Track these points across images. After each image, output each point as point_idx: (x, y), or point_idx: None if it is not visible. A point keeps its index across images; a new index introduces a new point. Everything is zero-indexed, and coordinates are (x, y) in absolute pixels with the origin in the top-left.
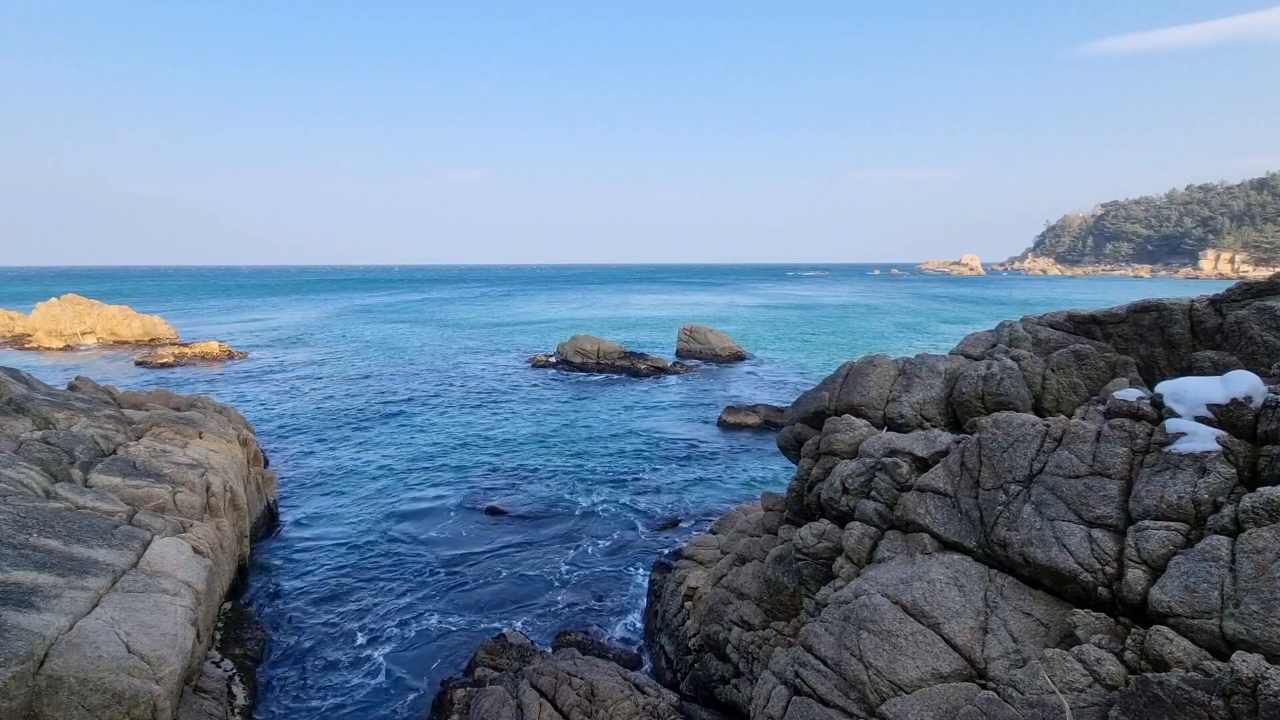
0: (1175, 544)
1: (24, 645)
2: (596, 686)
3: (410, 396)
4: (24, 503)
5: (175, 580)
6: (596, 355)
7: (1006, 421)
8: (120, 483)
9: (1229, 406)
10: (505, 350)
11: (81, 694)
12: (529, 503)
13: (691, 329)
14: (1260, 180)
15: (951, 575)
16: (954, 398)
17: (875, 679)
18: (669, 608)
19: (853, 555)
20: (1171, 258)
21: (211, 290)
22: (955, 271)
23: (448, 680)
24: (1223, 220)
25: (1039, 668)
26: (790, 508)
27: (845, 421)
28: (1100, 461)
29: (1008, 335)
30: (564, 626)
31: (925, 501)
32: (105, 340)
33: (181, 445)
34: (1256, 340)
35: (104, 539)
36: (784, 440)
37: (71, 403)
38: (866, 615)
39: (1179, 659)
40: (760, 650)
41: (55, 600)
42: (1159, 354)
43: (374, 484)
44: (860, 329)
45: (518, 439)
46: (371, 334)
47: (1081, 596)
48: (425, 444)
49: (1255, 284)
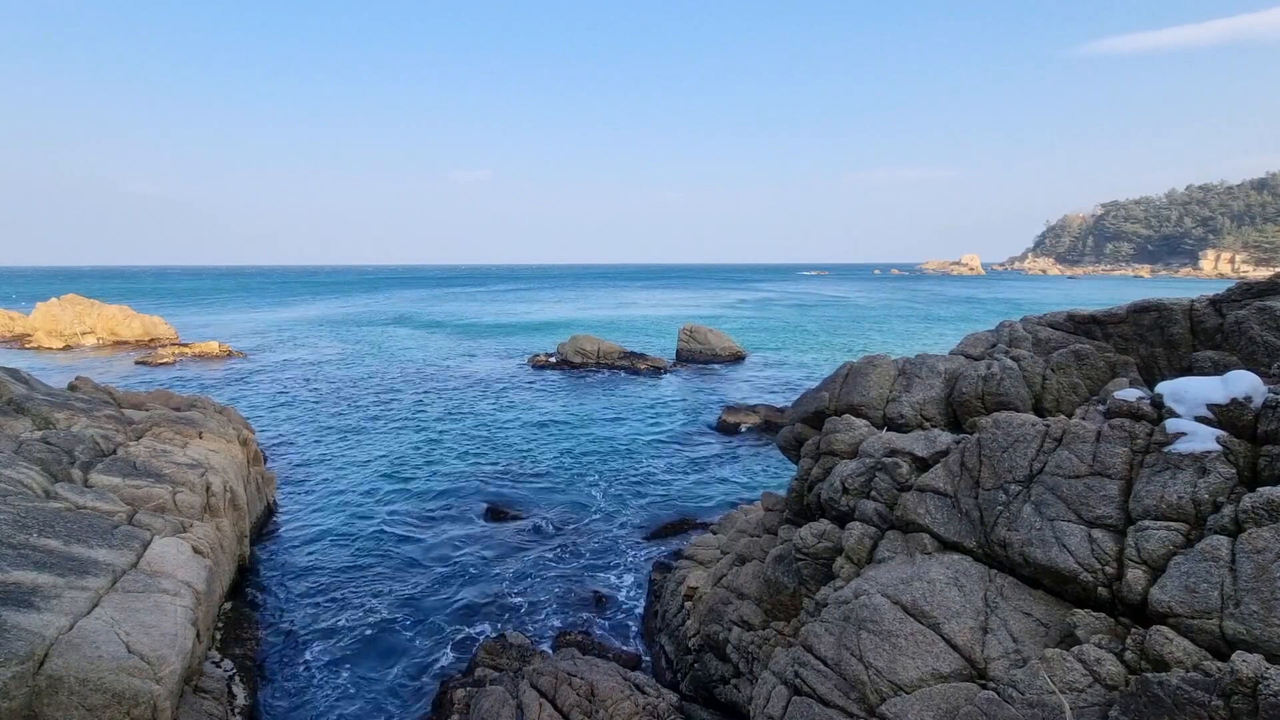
0: (1175, 544)
1: (24, 645)
2: (596, 686)
3: (410, 396)
4: (24, 503)
5: (175, 580)
6: (596, 355)
7: (1006, 421)
8: (120, 483)
9: (1229, 406)
10: (505, 350)
11: (81, 694)
12: (529, 503)
13: (691, 329)
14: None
15: (951, 575)
16: (954, 398)
17: (875, 679)
18: (669, 608)
19: (853, 555)
20: (1171, 258)
21: (212, 290)
22: (955, 271)
23: (448, 680)
24: (1223, 220)
25: (1039, 668)
26: (790, 508)
27: (845, 421)
28: (1100, 461)
29: (1008, 335)
30: (564, 626)
31: (925, 501)
32: (105, 340)
33: (181, 445)
34: (1256, 340)
35: (104, 539)
36: (784, 440)
37: (71, 403)
38: (866, 615)
39: (1179, 659)
40: (760, 650)
41: (55, 600)
42: (1159, 354)
43: (374, 484)
44: (860, 329)
45: (517, 439)
46: (372, 334)
47: (1081, 596)
48: (425, 444)
49: (1255, 284)
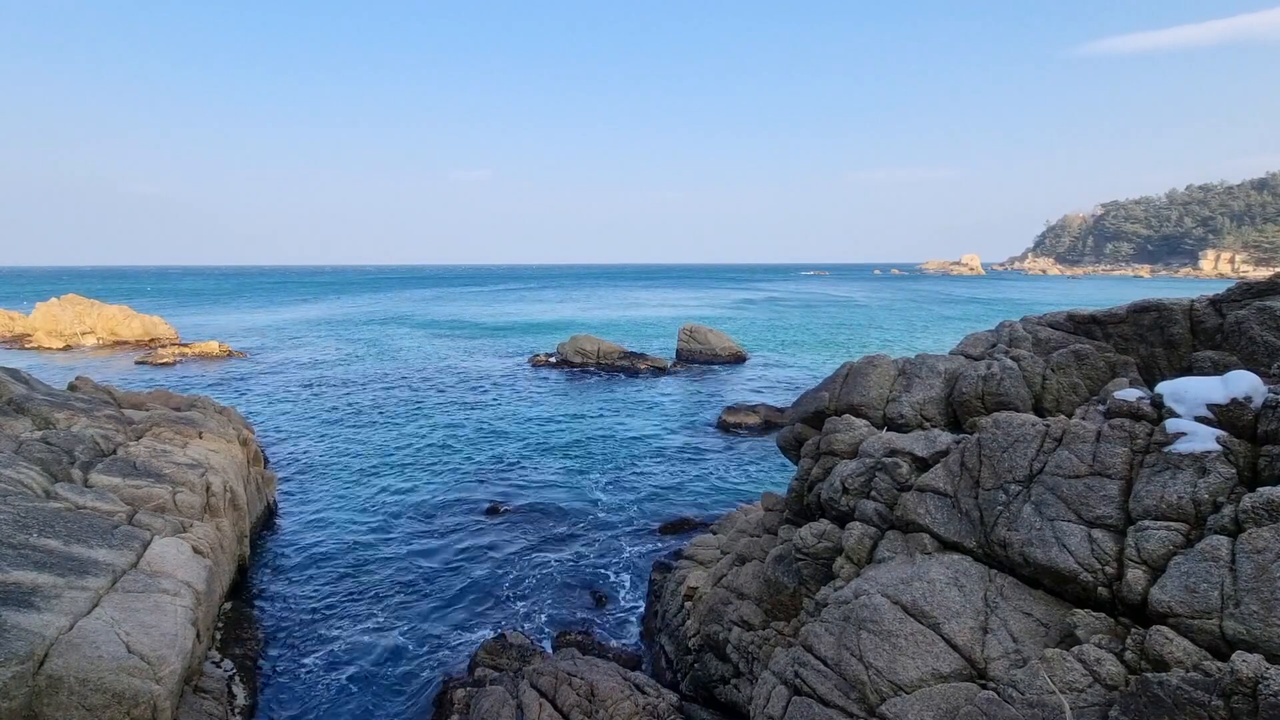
0: (1175, 544)
1: (24, 645)
2: (596, 686)
3: (410, 396)
4: (24, 503)
5: (175, 580)
6: (596, 355)
7: (1006, 421)
8: (120, 483)
9: (1229, 406)
10: (506, 350)
11: (81, 694)
12: (529, 502)
13: (691, 329)
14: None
15: (951, 575)
16: (954, 398)
17: (875, 679)
18: (669, 608)
19: (853, 555)
20: (1171, 258)
21: (212, 290)
22: (955, 271)
23: (448, 680)
24: (1223, 220)
25: (1039, 668)
26: (790, 508)
27: (845, 421)
28: (1100, 461)
29: (1008, 335)
30: (564, 626)
31: (925, 501)
32: (105, 340)
33: (181, 445)
34: (1256, 340)
35: (104, 539)
36: (784, 440)
37: (71, 403)
38: (866, 615)
39: (1179, 659)
40: (760, 650)
41: (55, 600)
42: (1159, 354)
43: (374, 483)
44: (860, 329)
45: (517, 438)
46: (372, 334)
47: (1081, 596)
48: (425, 443)
49: (1255, 284)
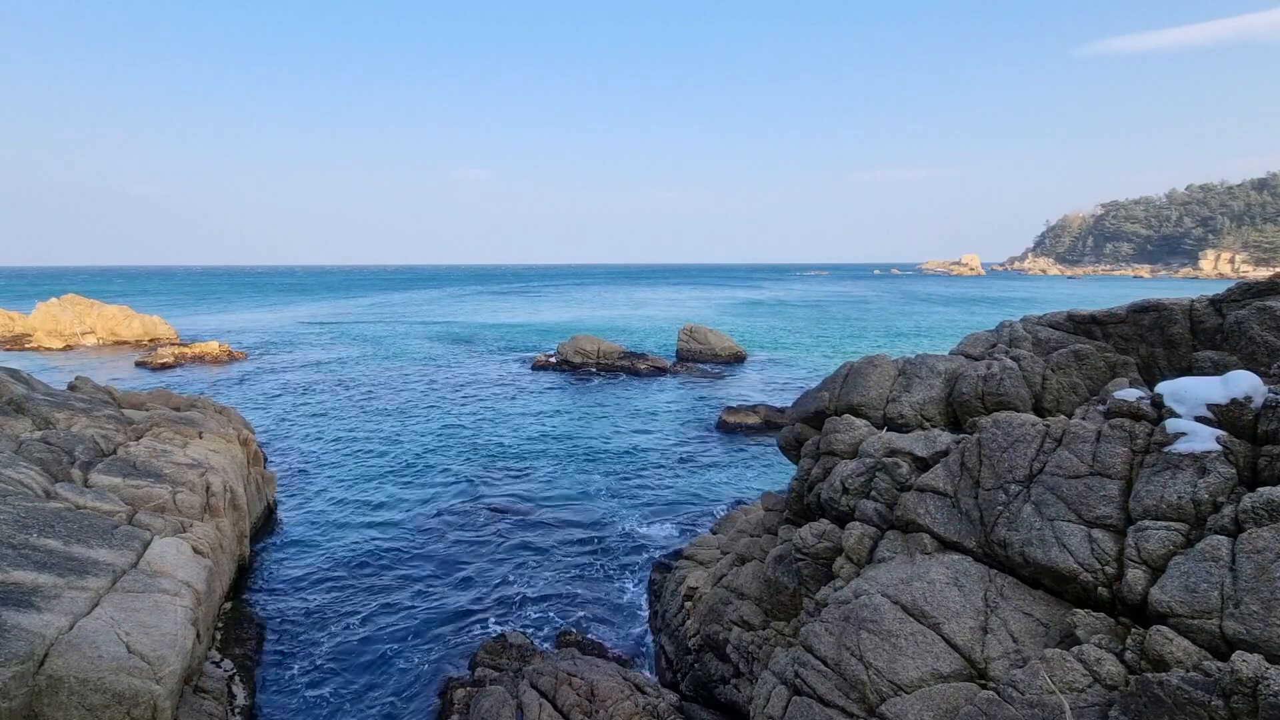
0: (1175, 544)
1: (24, 645)
2: (596, 686)
3: (411, 396)
4: (24, 503)
5: (175, 580)
6: (596, 355)
7: (1006, 421)
8: (120, 483)
9: (1229, 406)
10: (506, 350)
11: (81, 694)
12: (529, 502)
13: (691, 329)
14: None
15: (951, 575)
16: (954, 398)
17: (875, 679)
18: (669, 608)
19: (853, 555)
20: (1171, 258)
21: (212, 290)
22: (955, 271)
23: (448, 680)
24: (1223, 220)
25: (1039, 668)
26: (790, 508)
27: (845, 421)
28: (1100, 461)
29: (1008, 335)
30: (564, 626)
31: (925, 501)
32: (105, 340)
33: (181, 445)
34: (1256, 340)
35: (104, 539)
36: (784, 440)
37: (71, 403)
38: (866, 615)
39: (1179, 659)
40: (760, 650)
41: (55, 600)
42: (1159, 354)
43: (374, 483)
44: (861, 329)
45: (517, 438)
46: (372, 334)
47: (1081, 596)
48: (425, 443)
49: (1255, 284)
